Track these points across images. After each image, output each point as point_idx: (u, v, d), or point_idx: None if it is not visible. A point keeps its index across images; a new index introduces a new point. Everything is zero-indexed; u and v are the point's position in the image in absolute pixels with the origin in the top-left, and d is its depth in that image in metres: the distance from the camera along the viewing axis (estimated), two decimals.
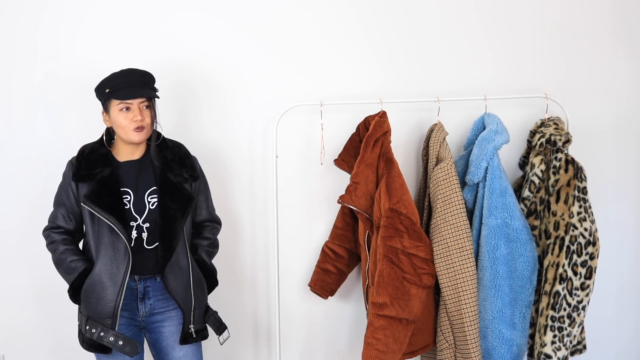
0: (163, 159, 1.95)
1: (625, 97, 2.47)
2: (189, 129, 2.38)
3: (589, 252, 2.09)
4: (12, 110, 2.37)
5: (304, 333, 2.50)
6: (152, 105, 1.92)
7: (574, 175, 2.09)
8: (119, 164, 1.94)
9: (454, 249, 2.05)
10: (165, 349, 1.98)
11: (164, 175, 1.93)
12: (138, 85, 1.88)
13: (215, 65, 2.38)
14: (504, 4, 2.42)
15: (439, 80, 2.42)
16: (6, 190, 2.39)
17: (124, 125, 1.87)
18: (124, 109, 1.87)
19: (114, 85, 1.87)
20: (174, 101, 2.35)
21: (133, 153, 1.95)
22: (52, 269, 2.39)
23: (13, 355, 2.45)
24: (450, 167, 2.10)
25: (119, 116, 1.87)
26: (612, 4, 2.44)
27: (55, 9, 2.34)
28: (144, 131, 1.89)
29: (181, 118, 2.38)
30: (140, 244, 1.90)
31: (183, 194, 1.94)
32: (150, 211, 1.91)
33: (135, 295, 1.92)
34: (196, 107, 2.39)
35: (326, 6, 2.40)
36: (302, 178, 2.43)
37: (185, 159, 2.00)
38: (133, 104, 1.87)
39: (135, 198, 1.91)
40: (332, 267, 2.33)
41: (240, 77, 2.40)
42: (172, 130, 2.28)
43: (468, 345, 2.05)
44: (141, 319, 1.95)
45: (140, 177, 1.93)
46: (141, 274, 1.91)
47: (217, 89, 2.39)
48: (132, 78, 1.88)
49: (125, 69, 1.91)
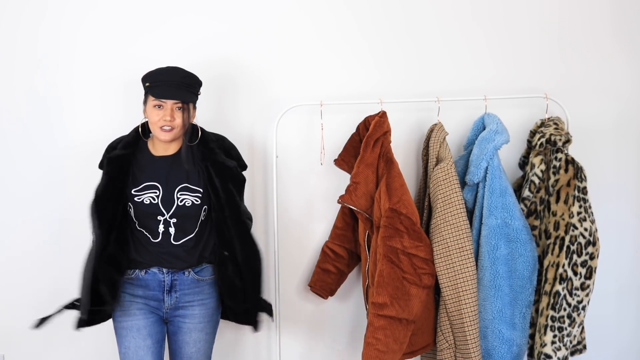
0: (210, 150, 1.98)
1: (624, 97, 2.47)
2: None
3: (589, 252, 2.09)
4: (12, 110, 2.37)
5: (304, 333, 2.50)
6: (187, 108, 1.92)
7: (574, 175, 2.09)
8: (153, 157, 1.97)
9: (454, 249, 2.05)
10: (180, 343, 2.00)
11: (218, 159, 1.97)
12: (175, 86, 1.89)
13: (215, 65, 2.38)
14: (504, 4, 2.42)
15: (438, 80, 2.42)
16: (8, 190, 2.39)
17: (154, 122, 1.91)
18: (157, 107, 1.89)
19: (154, 81, 1.90)
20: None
21: (167, 149, 1.97)
22: (52, 269, 2.40)
23: (13, 355, 2.45)
24: (450, 167, 2.10)
25: (152, 112, 1.91)
26: (612, 4, 2.44)
27: (56, 9, 2.34)
28: (172, 132, 1.90)
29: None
30: (167, 239, 1.92)
31: (239, 179, 2.02)
32: (178, 207, 1.92)
33: (162, 287, 1.95)
34: (196, 107, 2.38)
35: (325, 7, 2.40)
36: (302, 178, 2.43)
37: (231, 150, 2.05)
38: (167, 103, 1.89)
39: (165, 193, 1.92)
40: (332, 267, 2.33)
41: (240, 77, 2.40)
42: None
43: (468, 345, 2.05)
44: (165, 311, 1.97)
45: (172, 172, 1.95)
46: (170, 267, 1.94)
47: (217, 89, 2.39)
48: (173, 78, 1.90)
49: (170, 67, 1.93)
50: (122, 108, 2.35)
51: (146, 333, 1.92)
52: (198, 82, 1.98)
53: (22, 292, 2.42)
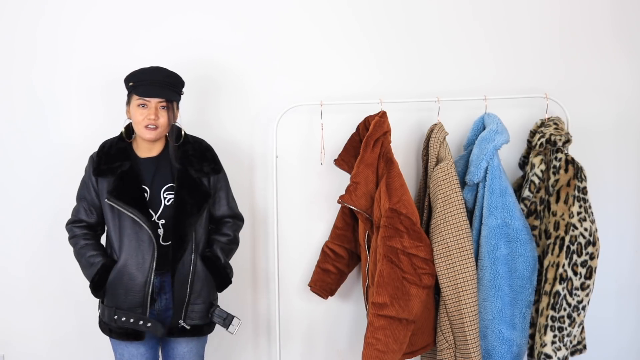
0: (184, 153, 1.97)
1: (625, 97, 2.47)
2: (189, 129, 2.37)
3: (589, 252, 2.09)
4: (13, 110, 2.37)
5: (304, 333, 2.50)
6: (171, 107, 1.93)
7: (574, 175, 2.09)
8: (139, 160, 1.97)
9: (454, 249, 2.05)
10: (172, 343, 2.00)
11: (184, 169, 1.95)
12: (159, 85, 1.89)
13: (215, 65, 2.38)
14: (504, 4, 2.42)
15: (439, 80, 2.42)
16: (6, 190, 2.39)
17: (138, 121, 1.91)
18: (141, 106, 1.89)
19: (137, 80, 1.90)
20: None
21: (151, 150, 1.98)
22: (52, 269, 2.40)
23: (13, 355, 2.45)
24: (450, 167, 2.09)
25: (136, 111, 1.91)
26: (612, 4, 2.44)
27: (55, 9, 2.34)
28: (156, 131, 1.91)
29: (181, 118, 2.38)
30: (156, 240, 1.91)
31: (201, 190, 1.96)
32: (166, 207, 1.92)
33: (152, 289, 1.94)
34: (196, 107, 2.39)
35: (326, 6, 2.40)
36: (302, 178, 2.43)
37: (207, 152, 2.03)
38: (151, 102, 1.89)
39: (152, 194, 1.93)
40: (332, 267, 2.33)
41: (241, 77, 2.40)
42: None
43: (468, 345, 2.05)
44: (156, 313, 1.96)
45: (157, 174, 1.95)
46: (158, 269, 1.93)
47: (217, 89, 2.39)
48: (156, 77, 1.90)
49: (154, 67, 1.94)
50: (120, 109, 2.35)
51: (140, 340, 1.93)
52: (181, 82, 1.98)
53: (22, 292, 2.42)
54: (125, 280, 1.89)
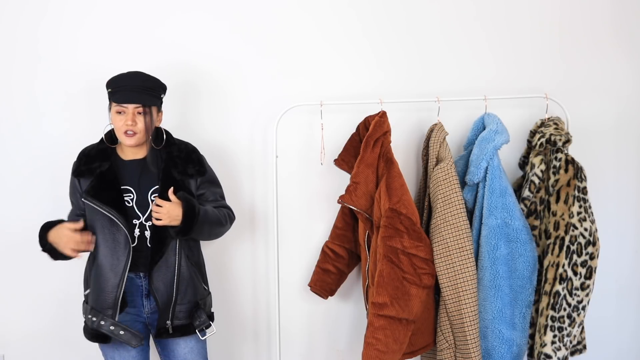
0: (169, 154, 1.96)
1: (625, 97, 2.47)
2: (190, 129, 2.38)
3: (589, 252, 2.09)
4: (13, 110, 2.37)
5: (304, 333, 2.50)
6: (149, 111, 1.91)
7: (574, 175, 2.09)
8: (124, 162, 1.97)
9: (454, 249, 2.05)
10: (170, 345, 2.00)
11: (168, 171, 1.94)
12: (137, 90, 1.88)
13: (215, 65, 2.38)
14: (504, 4, 2.42)
15: (439, 80, 2.42)
16: (7, 191, 2.39)
17: (118, 128, 1.90)
18: (119, 112, 1.89)
19: (115, 87, 1.89)
20: (174, 102, 2.35)
21: (136, 153, 1.97)
22: (52, 270, 2.40)
23: (13, 355, 2.45)
24: (450, 167, 2.10)
25: (115, 118, 1.91)
26: (612, 4, 2.44)
27: (56, 9, 2.34)
28: (135, 137, 1.90)
29: (182, 118, 2.38)
30: (143, 242, 1.91)
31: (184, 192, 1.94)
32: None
33: (140, 292, 1.94)
34: (196, 107, 2.39)
35: (326, 6, 2.40)
36: (302, 178, 2.43)
37: (192, 154, 2.02)
38: (128, 108, 1.88)
39: (139, 196, 1.92)
40: (332, 267, 2.33)
41: (241, 78, 2.40)
42: (172, 130, 2.27)
43: (468, 345, 2.05)
44: (146, 315, 1.96)
45: (144, 176, 1.95)
46: (146, 271, 1.92)
47: (217, 89, 2.39)
48: (133, 82, 1.88)
49: (130, 72, 1.92)
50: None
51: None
52: (160, 86, 1.96)
53: (22, 292, 2.42)
54: (100, 280, 1.89)
